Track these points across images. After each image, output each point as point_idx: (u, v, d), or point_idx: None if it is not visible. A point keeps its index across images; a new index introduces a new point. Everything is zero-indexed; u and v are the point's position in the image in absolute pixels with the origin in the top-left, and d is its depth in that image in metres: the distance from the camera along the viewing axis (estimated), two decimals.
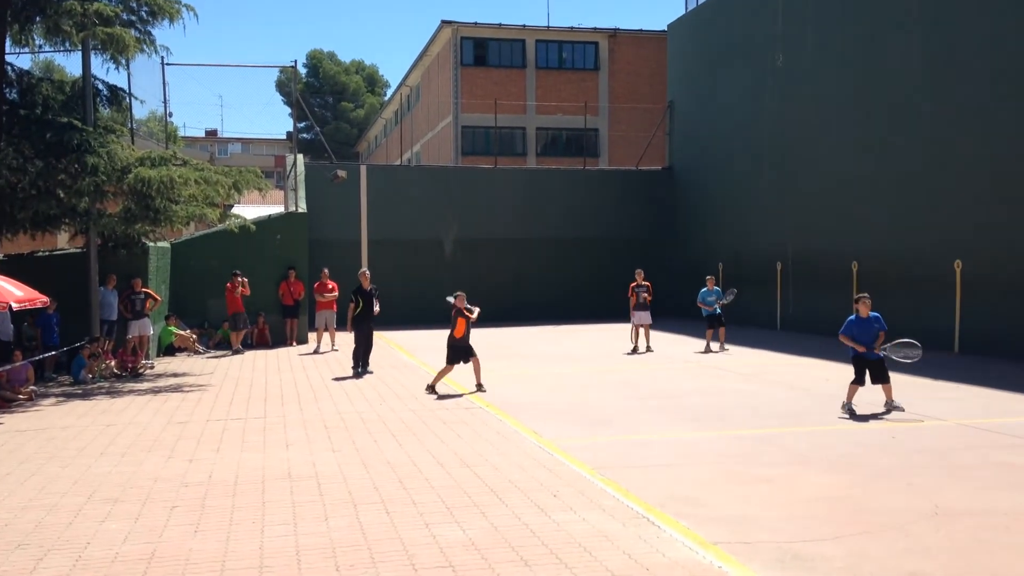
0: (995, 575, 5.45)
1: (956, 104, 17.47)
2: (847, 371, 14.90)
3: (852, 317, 11.44)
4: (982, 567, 5.57)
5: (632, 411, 11.41)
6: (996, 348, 16.32)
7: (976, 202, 17.01)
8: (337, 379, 14.85)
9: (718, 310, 18.19)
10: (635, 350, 18.18)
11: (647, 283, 18.69)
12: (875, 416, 10.78)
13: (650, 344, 18.54)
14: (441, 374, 13.36)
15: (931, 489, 7.36)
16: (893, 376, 11.42)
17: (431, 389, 13.11)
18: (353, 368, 15.41)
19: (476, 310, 13.37)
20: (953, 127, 17.55)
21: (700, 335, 21.06)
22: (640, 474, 8.02)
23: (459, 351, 13.17)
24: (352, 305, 15.36)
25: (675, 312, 26.93)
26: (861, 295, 11.81)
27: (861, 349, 11.13)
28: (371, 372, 15.35)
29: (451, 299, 13.45)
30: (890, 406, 11.02)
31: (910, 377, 14.01)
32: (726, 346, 18.22)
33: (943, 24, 17.82)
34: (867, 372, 11.16)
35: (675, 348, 18.96)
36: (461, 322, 13.19)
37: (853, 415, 10.79)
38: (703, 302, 18.30)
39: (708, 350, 18.01)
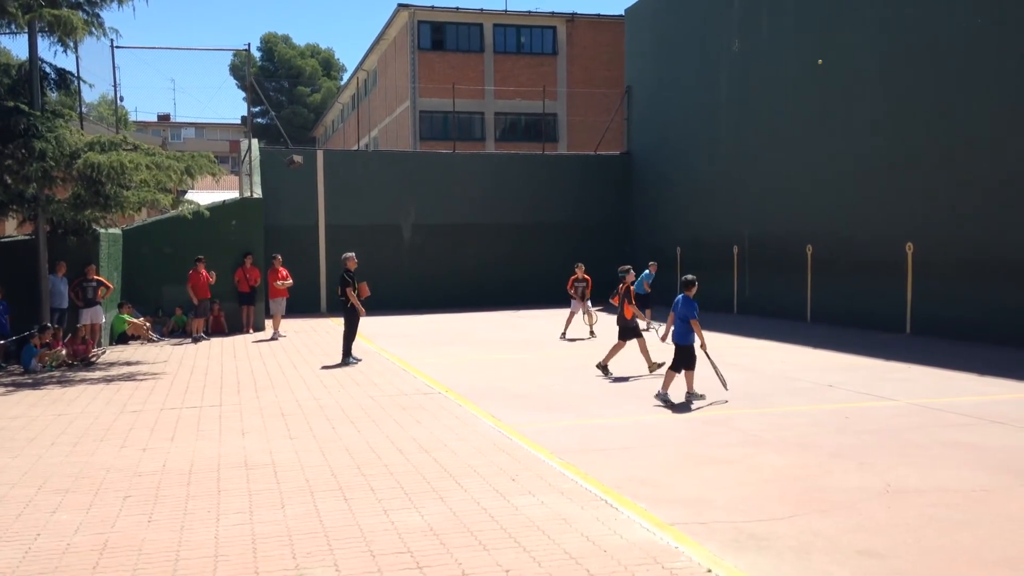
0: (944, 552, 5.56)
1: (907, 89, 17.72)
2: (803, 353, 15.15)
3: (693, 301, 10.93)
4: (931, 544, 5.68)
5: (592, 395, 11.46)
6: (946, 329, 16.66)
7: (926, 186, 17.30)
8: (325, 367, 14.72)
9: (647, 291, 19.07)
10: (564, 335, 18.37)
11: (587, 277, 18.81)
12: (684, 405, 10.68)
13: (592, 329, 18.70)
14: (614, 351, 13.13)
15: (883, 468, 7.49)
16: (827, 355, 11.58)
17: (603, 369, 13.00)
18: (346, 356, 14.87)
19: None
20: (904, 112, 17.81)
21: (660, 319, 21.25)
22: (599, 457, 8.06)
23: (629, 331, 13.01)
24: (349, 289, 14.95)
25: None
26: (692, 277, 11.19)
27: (703, 340, 10.76)
28: (359, 360, 14.99)
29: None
30: (692, 396, 10.73)
31: (864, 358, 14.26)
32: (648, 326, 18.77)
33: (897, 11, 18.03)
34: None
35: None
36: (626, 304, 12.98)
37: (669, 403, 10.60)
38: (649, 283, 19.21)
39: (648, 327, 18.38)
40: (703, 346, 10.79)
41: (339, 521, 6.23)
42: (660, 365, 12.62)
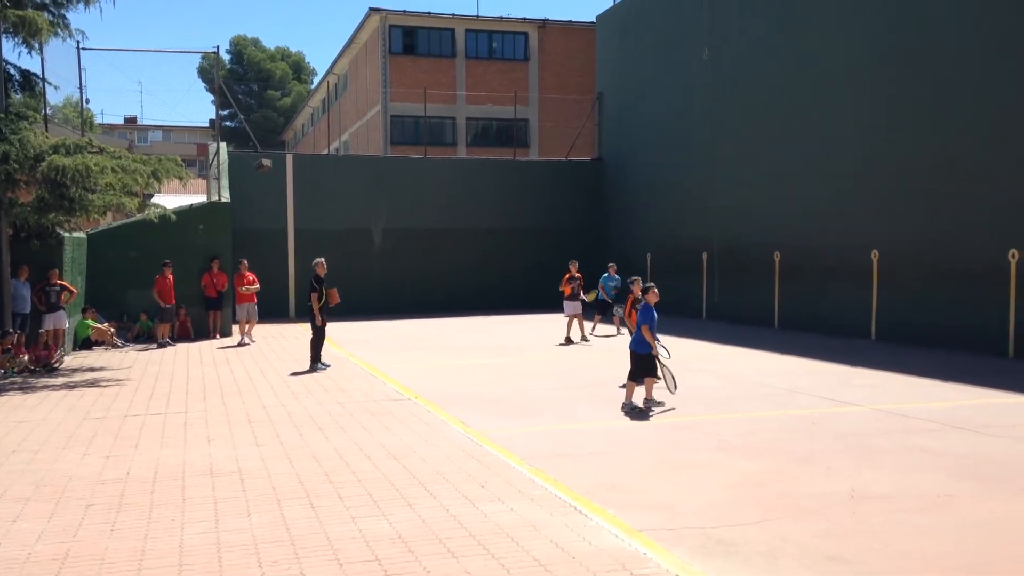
0: (909, 557, 5.61)
1: (873, 99, 17.94)
2: (770, 359, 15.26)
3: (650, 308, 10.77)
4: (897, 549, 5.73)
5: (562, 400, 11.46)
6: (911, 335, 16.86)
7: (891, 194, 17.51)
8: (295, 374, 14.59)
9: (613, 296, 19.30)
10: (568, 341, 18.25)
11: (580, 275, 18.87)
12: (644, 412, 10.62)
13: (584, 334, 18.66)
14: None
15: (849, 473, 7.55)
16: (795, 361, 11.67)
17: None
18: (314, 362, 14.76)
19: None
20: (870, 121, 18.02)
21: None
22: (569, 463, 8.05)
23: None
24: (315, 295, 14.83)
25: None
26: (650, 284, 11.09)
27: (656, 346, 10.67)
28: (328, 366, 14.88)
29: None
30: (649, 403, 10.71)
31: (830, 364, 14.40)
32: (618, 330, 19.40)
33: (865, 21, 18.26)
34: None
35: (605, 338, 19.10)
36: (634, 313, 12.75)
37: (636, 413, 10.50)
38: (604, 286, 19.36)
39: (584, 338, 18.53)
40: (654, 352, 10.69)
41: (306, 529, 6.17)
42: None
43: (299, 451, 8.62)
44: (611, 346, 17.56)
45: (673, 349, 16.68)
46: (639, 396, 10.88)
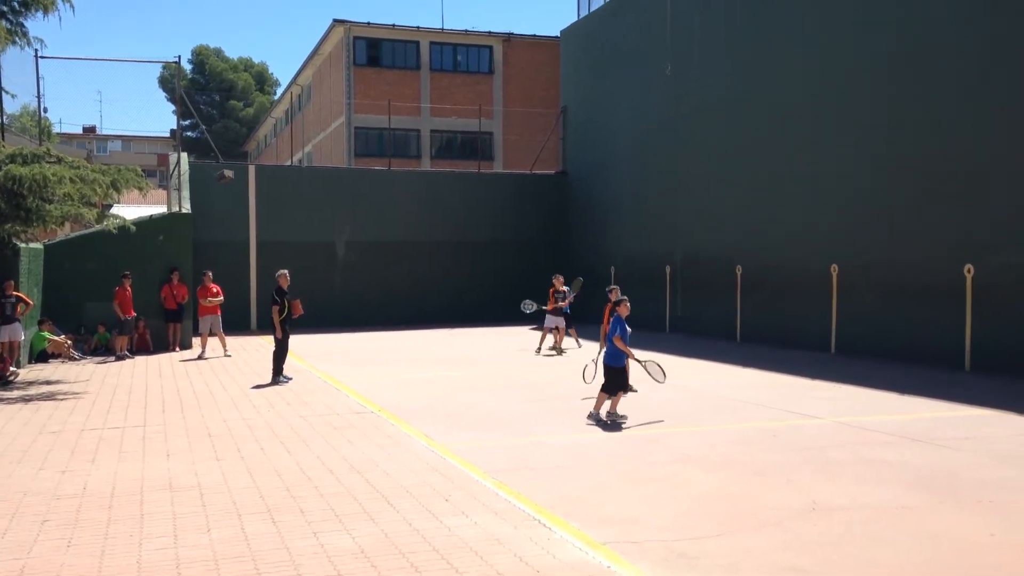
0: (867, 567, 5.69)
1: (832, 116, 18.24)
2: (732, 372, 15.40)
3: (622, 320, 10.88)
4: (855, 560, 5.81)
5: (525, 413, 11.47)
6: (869, 349, 17.12)
7: (849, 210, 17.80)
8: (256, 387, 14.42)
9: (567, 308, 19.19)
10: (539, 350, 18.87)
11: (565, 289, 19.02)
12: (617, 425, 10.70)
13: (558, 345, 19.08)
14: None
15: (809, 485, 7.64)
16: (755, 374, 11.78)
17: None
18: (276, 375, 14.61)
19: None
20: (828, 138, 18.32)
21: (594, 337, 21.39)
22: (532, 476, 8.06)
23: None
24: (276, 308, 14.63)
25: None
26: (622, 297, 11.24)
27: (631, 355, 10.79)
28: (290, 379, 14.73)
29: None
30: (613, 417, 10.74)
31: (791, 377, 14.57)
32: (577, 342, 19.56)
33: (824, 38, 18.58)
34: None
35: (569, 351, 19.16)
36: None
37: (606, 425, 10.58)
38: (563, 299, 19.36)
39: (553, 348, 19.04)
40: (630, 357, 10.80)
41: (267, 544, 6.11)
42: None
43: (260, 465, 8.54)
44: (578, 359, 17.61)
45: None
46: (607, 408, 10.90)
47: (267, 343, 19.89)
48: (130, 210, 24.58)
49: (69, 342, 18.40)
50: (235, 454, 9.08)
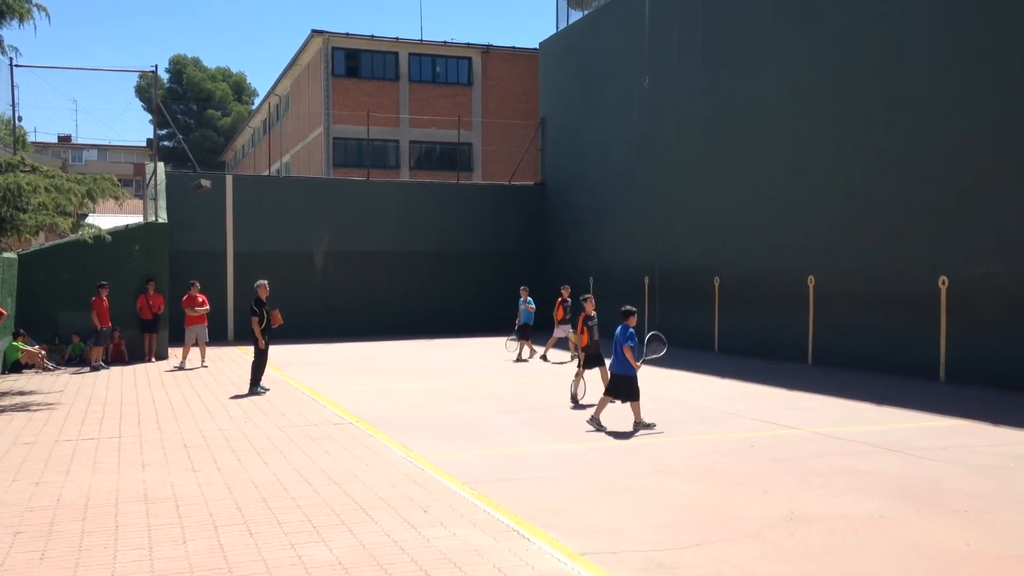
0: None
1: (809, 127, 18.41)
2: (710, 382, 15.45)
3: (631, 330, 11.04)
4: (833, 569, 5.83)
5: (504, 424, 11.45)
6: (846, 360, 17.24)
7: (826, 221, 17.94)
8: (234, 397, 14.30)
9: (531, 321, 19.70)
10: (545, 357, 19.40)
11: (571, 300, 19.20)
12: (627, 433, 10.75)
13: (545, 353, 19.56)
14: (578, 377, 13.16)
15: (787, 495, 7.67)
16: (733, 384, 11.83)
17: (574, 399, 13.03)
18: (254, 386, 14.50)
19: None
20: (806, 150, 18.48)
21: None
22: (511, 487, 8.04)
23: (593, 358, 13.12)
24: (256, 319, 14.51)
25: (548, 325, 27.20)
26: (632, 308, 11.42)
27: (638, 367, 10.93)
28: (268, 390, 14.63)
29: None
30: (640, 426, 10.85)
31: (769, 388, 14.63)
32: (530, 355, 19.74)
33: (800, 50, 18.76)
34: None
35: (548, 362, 19.16)
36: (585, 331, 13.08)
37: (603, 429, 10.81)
38: (522, 311, 19.74)
39: (520, 358, 19.34)
40: (638, 367, 10.94)
41: (244, 556, 6.05)
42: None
43: (237, 477, 8.46)
44: (556, 371, 17.62)
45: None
46: (609, 414, 11.09)
47: (245, 354, 19.77)
48: (106, 220, 24.38)
49: (43, 352, 18.19)
50: (212, 465, 8.99)
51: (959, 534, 6.56)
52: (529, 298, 20.01)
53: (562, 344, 20.19)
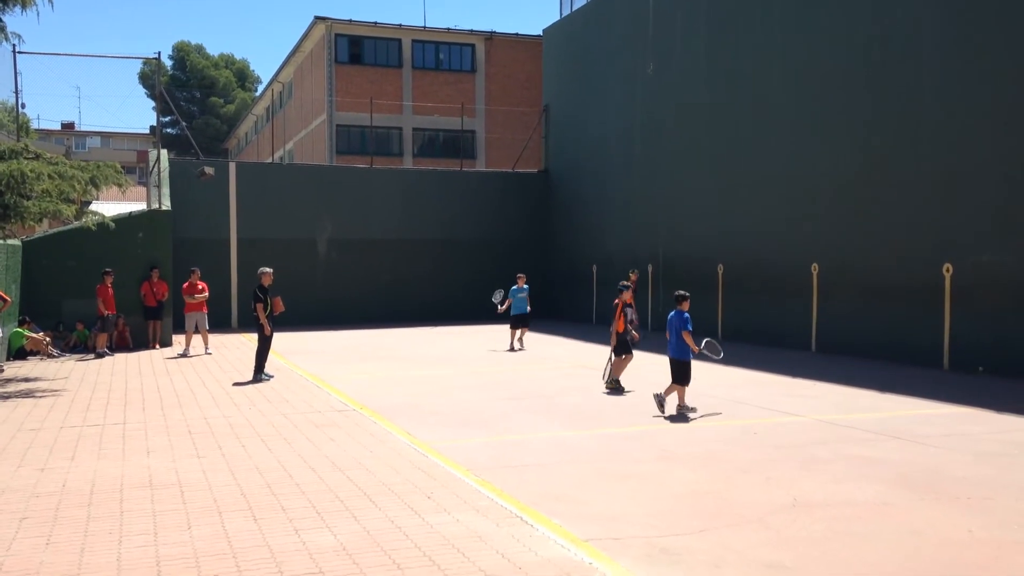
0: (848, 563, 5.73)
1: (812, 116, 18.36)
2: (713, 370, 15.45)
3: (687, 315, 11.41)
4: (836, 557, 5.85)
5: (507, 412, 11.47)
6: (849, 347, 17.24)
7: (829, 209, 17.91)
8: (238, 384, 14.34)
9: (528, 308, 19.22)
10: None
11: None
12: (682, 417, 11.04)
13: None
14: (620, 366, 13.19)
15: (790, 482, 7.69)
16: (736, 372, 11.85)
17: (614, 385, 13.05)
18: (258, 373, 14.53)
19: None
20: (809, 138, 18.43)
21: (578, 336, 21.47)
22: (515, 474, 8.06)
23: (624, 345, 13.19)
24: (260, 305, 14.49)
25: (551, 313, 27.28)
26: (687, 293, 11.70)
27: (697, 351, 11.28)
28: (272, 377, 14.66)
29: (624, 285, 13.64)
30: (683, 409, 11.08)
31: (771, 375, 14.65)
32: (523, 344, 19.32)
33: (805, 38, 18.69)
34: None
35: (551, 349, 19.20)
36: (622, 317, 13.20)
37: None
38: (513, 298, 19.25)
39: (512, 348, 18.96)
40: (695, 352, 11.20)
41: (248, 542, 6.08)
42: (616, 387, 13.11)
43: (241, 463, 8.49)
44: (559, 358, 17.64)
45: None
46: (674, 400, 11.24)
47: (248, 341, 19.82)
48: (109, 207, 24.40)
49: (48, 339, 18.25)
50: (216, 451, 9.03)
51: (961, 521, 6.57)
52: (525, 286, 19.58)
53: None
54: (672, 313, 11.41)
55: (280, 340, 18.75)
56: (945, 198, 15.50)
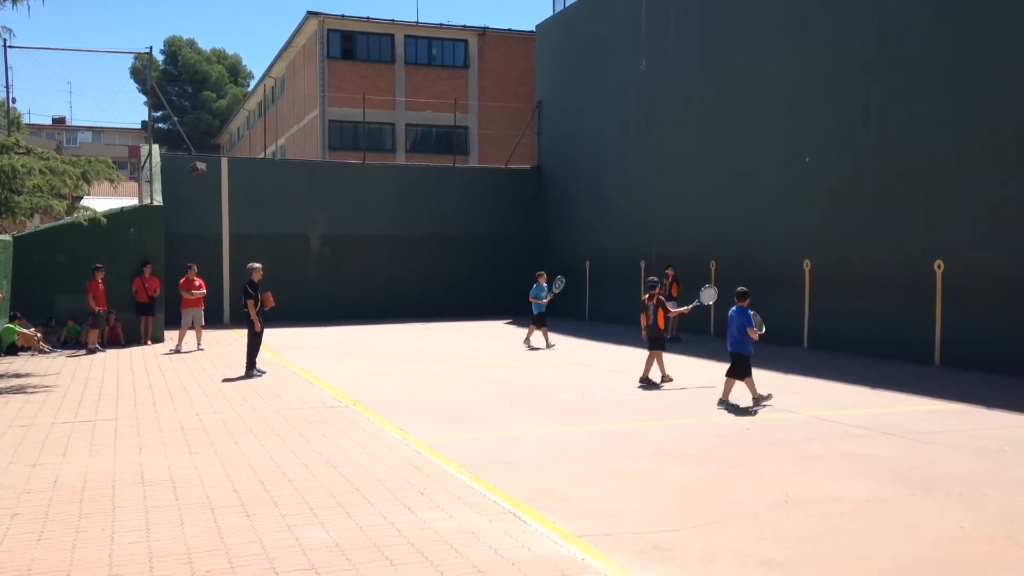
0: (840, 560, 5.74)
1: (805, 112, 18.37)
2: (707, 366, 15.47)
3: (749, 311, 11.72)
4: (828, 553, 5.86)
5: (501, 408, 11.46)
6: (841, 343, 17.27)
7: (822, 206, 17.94)
8: (230, 380, 14.30)
9: (543, 307, 18.78)
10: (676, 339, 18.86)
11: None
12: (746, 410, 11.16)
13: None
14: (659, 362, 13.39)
15: (782, 479, 7.70)
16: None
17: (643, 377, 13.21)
18: (250, 369, 14.51)
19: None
20: (801, 135, 18.45)
21: (572, 332, 21.49)
22: (508, 470, 8.06)
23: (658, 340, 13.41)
24: (251, 302, 14.47)
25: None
26: (747, 289, 12.05)
27: (756, 338, 11.59)
28: (264, 372, 14.64)
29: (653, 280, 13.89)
30: (758, 400, 11.40)
31: (764, 372, 14.65)
32: (552, 342, 18.88)
33: (798, 33, 18.70)
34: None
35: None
36: (661, 312, 13.41)
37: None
38: (535, 296, 18.77)
39: (532, 346, 18.60)
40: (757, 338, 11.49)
41: (241, 538, 6.06)
42: (664, 379, 13.29)
43: (234, 459, 8.47)
44: (553, 354, 17.65)
45: (611, 356, 16.92)
46: (744, 395, 11.44)
47: (240, 337, 19.75)
48: (101, 202, 24.31)
49: (39, 335, 18.17)
50: (208, 448, 9.00)
51: (954, 517, 6.59)
52: (545, 284, 18.96)
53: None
54: (733, 309, 11.69)
55: (272, 336, 18.73)
56: (937, 195, 15.53)
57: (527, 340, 18.98)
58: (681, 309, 15.25)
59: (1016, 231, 14.19)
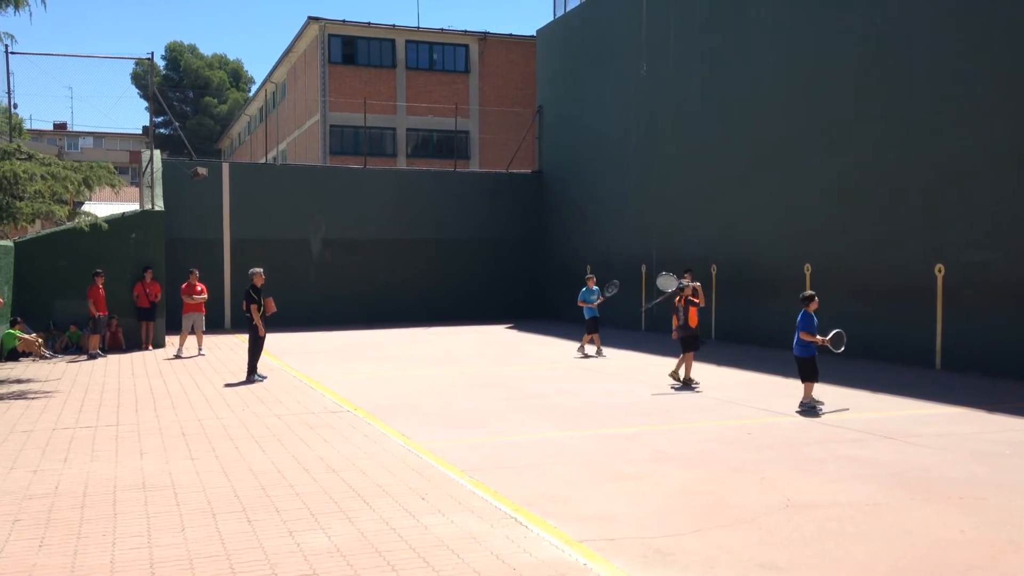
0: (840, 564, 5.74)
1: (805, 116, 18.39)
2: (707, 370, 15.47)
3: (814, 317, 11.77)
4: (828, 557, 5.87)
5: (502, 412, 11.47)
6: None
7: (822, 209, 17.94)
8: (231, 385, 14.31)
9: (596, 312, 17.84)
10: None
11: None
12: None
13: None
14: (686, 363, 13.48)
15: (783, 483, 7.71)
16: (730, 373, 11.87)
17: (683, 379, 13.33)
18: (251, 374, 14.53)
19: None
20: (802, 138, 18.46)
21: (573, 336, 21.46)
22: (509, 475, 8.07)
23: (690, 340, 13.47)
24: (254, 307, 14.46)
25: (545, 313, 27.31)
26: (813, 293, 12.03)
27: (820, 343, 11.59)
28: (265, 377, 14.67)
29: (682, 283, 13.90)
30: (809, 402, 11.53)
31: (765, 376, 14.67)
32: (603, 351, 18.03)
33: (797, 39, 18.72)
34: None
35: (545, 350, 19.20)
36: (693, 310, 13.51)
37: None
38: (585, 301, 17.92)
39: (586, 354, 17.73)
40: (821, 343, 11.47)
41: (242, 544, 6.07)
42: (688, 381, 13.38)
43: (235, 464, 8.48)
44: (554, 358, 17.64)
45: (612, 360, 16.92)
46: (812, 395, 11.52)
47: (241, 342, 19.77)
48: (102, 207, 24.32)
49: (40, 340, 18.18)
50: (209, 453, 9.01)
51: (953, 521, 6.60)
52: (596, 288, 18.11)
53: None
54: (800, 315, 11.70)
55: (273, 340, 18.73)
56: (938, 198, 15.54)
57: (581, 348, 17.94)
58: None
59: (1017, 234, 14.20)
